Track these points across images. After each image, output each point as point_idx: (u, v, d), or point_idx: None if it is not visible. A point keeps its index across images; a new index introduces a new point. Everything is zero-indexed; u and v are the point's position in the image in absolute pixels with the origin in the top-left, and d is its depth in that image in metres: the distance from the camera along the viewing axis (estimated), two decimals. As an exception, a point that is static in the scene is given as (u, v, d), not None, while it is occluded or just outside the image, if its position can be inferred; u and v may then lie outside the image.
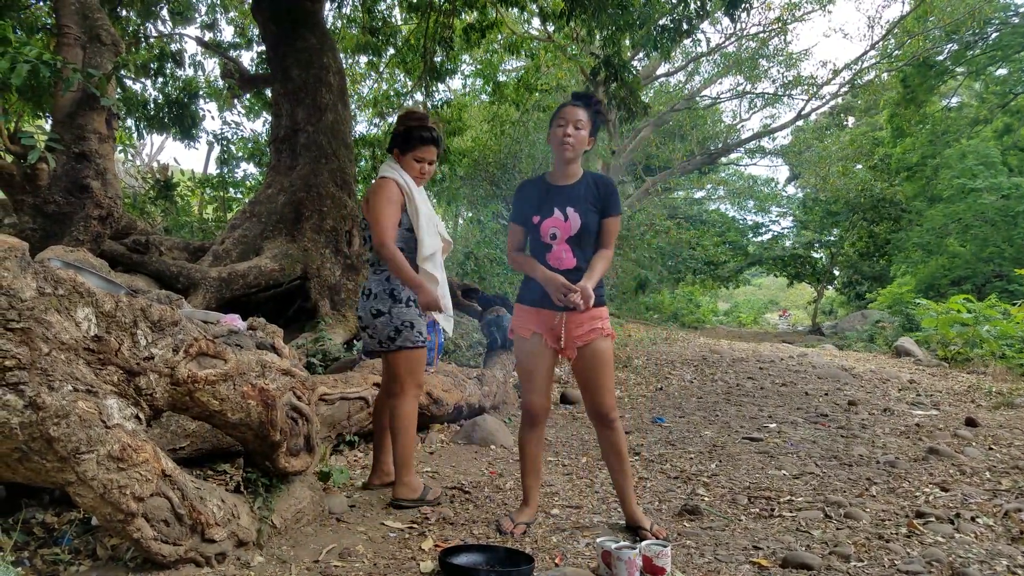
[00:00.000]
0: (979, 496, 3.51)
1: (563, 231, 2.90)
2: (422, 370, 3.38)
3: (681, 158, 22.49)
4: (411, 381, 3.32)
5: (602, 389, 2.96)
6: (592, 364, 2.93)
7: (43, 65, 4.45)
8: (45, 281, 1.89)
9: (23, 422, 1.79)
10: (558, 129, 2.93)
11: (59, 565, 2.22)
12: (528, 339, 2.99)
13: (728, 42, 20.28)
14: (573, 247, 2.92)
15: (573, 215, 2.89)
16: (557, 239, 2.91)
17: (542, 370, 3.00)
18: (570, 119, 2.91)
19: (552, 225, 2.91)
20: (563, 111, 2.95)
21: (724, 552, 2.74)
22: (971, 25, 17.35)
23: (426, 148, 3.34)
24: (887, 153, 22.04)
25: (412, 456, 3.30)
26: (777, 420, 5.60)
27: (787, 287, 33.43)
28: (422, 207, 3.30)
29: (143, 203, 10.94)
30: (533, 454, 3.09)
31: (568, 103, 2.99)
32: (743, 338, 16.18)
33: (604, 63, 8.04)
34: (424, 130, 3.35)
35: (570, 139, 2.90)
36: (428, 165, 3.39)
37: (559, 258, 2.92)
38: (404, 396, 3.30)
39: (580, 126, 2.91)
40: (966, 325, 10.57)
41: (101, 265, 4.28)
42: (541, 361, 2.99)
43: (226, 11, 11.73)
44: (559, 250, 2.92)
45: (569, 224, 2.90)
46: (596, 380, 2.95)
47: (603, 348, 2.93)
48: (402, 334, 3.28)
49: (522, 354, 3.04)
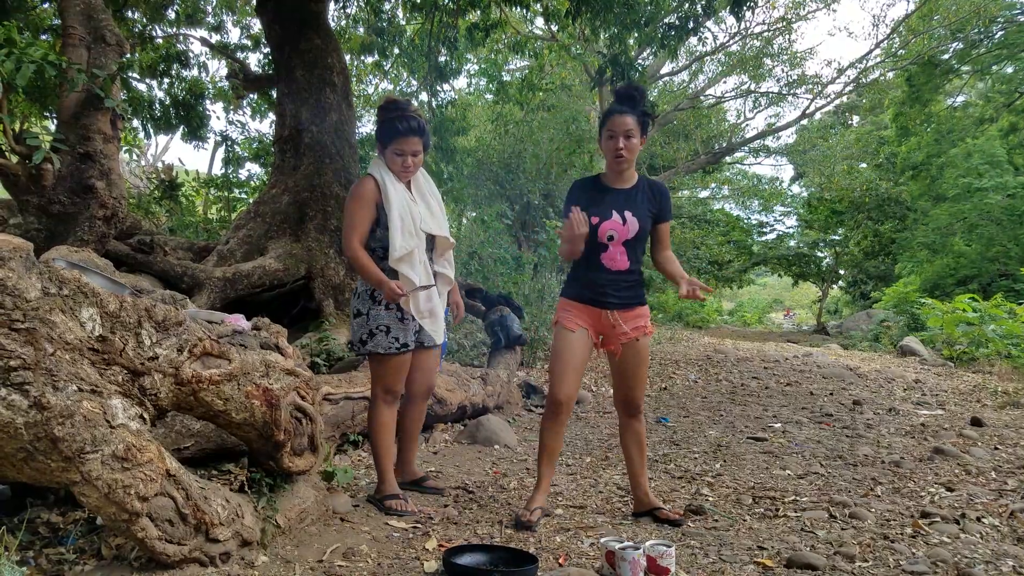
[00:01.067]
0: (985, 496, 3.50)
1: (620, 234, 3.00)
2: (394, 378, 3.21)
3: (685, 157, 22.45)
4: (379, 387, 3.22)
5: (640, 383, 3.17)
6: (636, 360, 3.12)
7: (48, 66, 4.46)
8: (50, 281, 1.90)
9: (28, 422, 1.79)
10: (610, 142, 2.99)
11: (64, 564, 2.22)
12: (574, 332, 3.07)
13: (732, 41, 20.24)
14: (628, 249, 3.02)
15: (631, 219, 3.00)
16: (614, 240, 3.01)
17: (576, 362, 3.09)
18: (619, 131, 2.96)
19: (610, 227, 3.00)
20: (612, 122, 2.99)
21: (728, 552, 2.73)
22: (976, 23, 17.28)
23: (404, 139, 3.08)
24: (892, 152, 21.98)
25: (386, 465, 3.23)
26: (782, 420, 5.60)
27: (792, 287, 33.33)
28: (395, 205, 3.07)
29: (148, 203, 10.96)
30: (552, 447, 3.20)
31: (615, 111, 3.00)
32: (748, 338, 16.16)
33: (611, 62, 8.03)
34: (401, 120, 3.09)
35: (623, 152, 2.97)
36: (411, 158, 3.12)
37: (613, 259, 3.02)
38: (374, 402, 3.25)
39: (631, 135, 2.97)
40: (972, 324, 10.54)
41: (106, 265, 4.29)
42: (580, 355, 3.09)
43: (232, 12, 11.75)
44: (614, 251, 3.02)
45: (627, 228, 3.00)
46: (636, 375, 3.15)
47: (645, 345, 3.14)
48: (375, 338, 3.14)
49: (563, 346, 3.09)
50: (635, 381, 3.15)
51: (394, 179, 3.16)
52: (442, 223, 3.31)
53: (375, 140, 3.26)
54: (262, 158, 13.10)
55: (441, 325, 3.33)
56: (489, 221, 10.54)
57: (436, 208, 3.32)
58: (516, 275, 9.37)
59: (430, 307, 3.23)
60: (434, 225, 3.26)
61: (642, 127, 3.00)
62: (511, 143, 14.44)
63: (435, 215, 3.29)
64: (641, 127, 2.99)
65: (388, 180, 3.14)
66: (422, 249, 3.18)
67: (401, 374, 3.24)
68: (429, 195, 3.32)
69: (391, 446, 3.29)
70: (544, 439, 3.18)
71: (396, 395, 3.26)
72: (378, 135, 3.20)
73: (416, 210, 3.18)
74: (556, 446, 3.21)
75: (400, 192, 3.15)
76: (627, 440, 3.24)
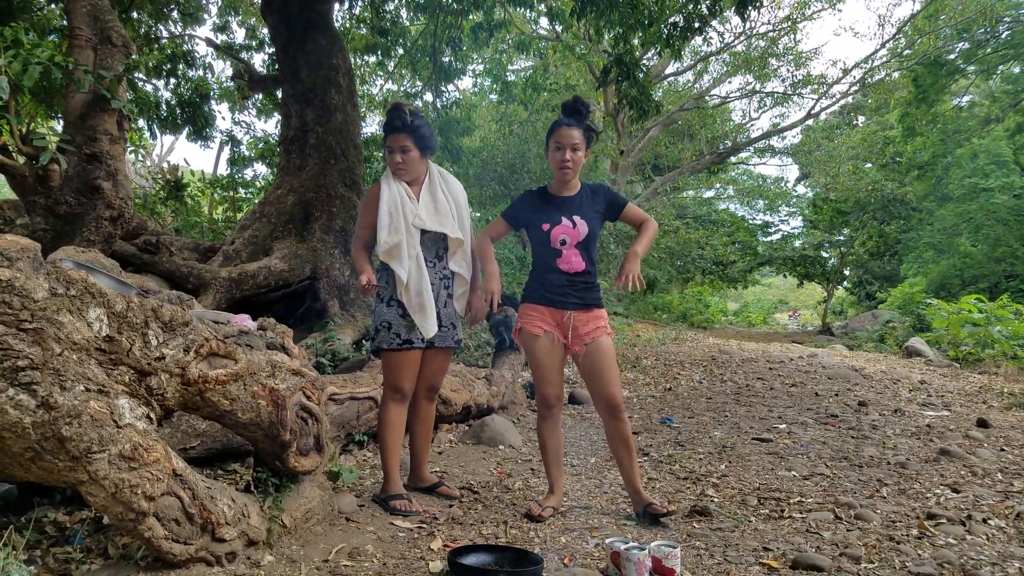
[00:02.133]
0: (991, 498, 3.49)
1: (572, 237, 3.18)
2: (398, 375, 3.24)
3: (690, 157, 22.42)
4: (385, 384, 3.30)
5: (608, 378, 3.18)
6: (598, 356, 3.17)
7: (55, 67, 4.48)
8: (57, 282, 1.91)
9: (35, 422, 1.80)
10: (557, 153, 3.19)
11: (71, 564, 2.23)
12: (540, 336, 3.22)
13: (737, 41, 20.20)
14: (581, 251, 3.20)
15: (581, 223, 3.19)
16: (567, 244, 3.18)
17: (554, 363, 3.24)
18: (566, 143, 3.16)
19: (562, 232, 3.18)
20: (558, 134, 3.18)
21: (734, 553, 2.73)
22: (982, 23, 17.22)
23: (391, 137, 3.24)
24: (898, 152, 21.92)
25: (391, 463, 3.25)
26: (787, 421, 5.59)
27: (797, 287, 33.29)
28: (384, 201, 3.21)
29: (154, 204, 10.99)
30: (553, 446, 3.31)
31: (562, 123, 3.19)
32: (752, 338, 16.13)
33: (615, 62, 8.02)
34: (391, 118, 3.24)
35: (568, 163, 3.18)
36: (400, 154, 3.23)
37: (568, 261, 3.19)
38: (382, 400, 3.32)
39: (577, 147, 3.17)
40: (977, 325, 10.51)
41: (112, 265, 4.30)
42: (552, 355, 3.23)
43: (236, 13, 11.78)
44: (569, 254, 3.19)
45: (578, 230, 3.18)
46: (603, 372, 3.17)
47: (607, 342, 3.20)
48: (380, 334, 3.26)
49: (534, 350, 3.26)
50: (606, 379, 3.17)
51: (393, 180, 3.28)
52: (447, 221, 3.32)
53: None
54: (267, 158, 13.13)
55: (431, 322, 3.24)
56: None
57: (445, 206, 3.33)
58: (520, 275, 9.37)
59: (419, 301, 3.22)
60: (432, 222, 3.28)
61: (587, 140, 3.21)
62: (515, 143, 14.45)
63: (441, 212, 3.31)
64: (586, 140, 3.20)
65: (387, 181, 3.28)
66: (413, 244, 3.22)
67: (405, 371, 3.25)
68: (442, 193, 3.36)
69: (397, 445, 3.30)
70: (543, 440, 3.32)
71: (403, 393, 3.28)
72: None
73: (409, 207, 3.24)
74: (556, 445, 3.32)
75: (395, 190, 3.25)
76: (612, 442, 3.26)
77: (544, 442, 3.30)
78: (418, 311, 3.22)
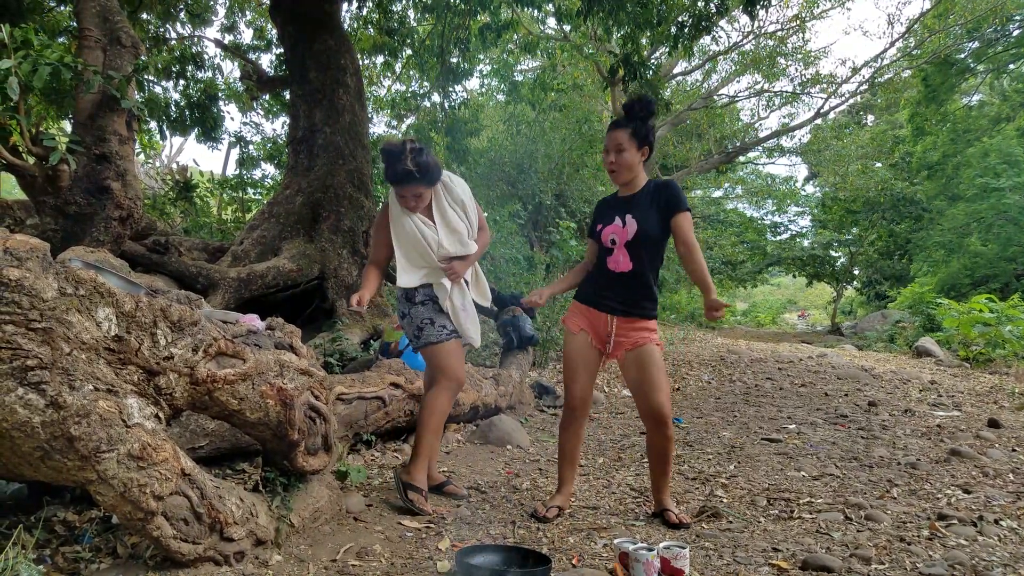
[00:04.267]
0: (1002, 498, 3.47)
1: (620, 237, 3.11)
2: (455, 363, 3.33)
3: (698, 157, 22.35)
4: (442, 374, 3.33)
5: (655, 387, 3.07)
6: (642, 364, 3.09)
7: (64, 68, 4.51)
8: (66, 281, 1.91)
9: (45, 421, 1.81)
10: (604, 157, 3.20)
11: (80, 563, 2.24)
12: (576, 335, 3.21)
13: (746, 40, 20.12)
14: (630, 251, 3.10)
15: (631, 221, 3.10)
16: (616, 244, 3.12)
17: (585, 364, 3.20)
18: (610, 146, 3.13)
19: (611, 231, 3.14)
20: (606, 138, 3.19)
21: (743, 554, 2.72)
22: (993, 22, 17.11)
23: (402, 187, 3.22)
24: (907, 151, 21.81)
25: (428, 450, 3.27)
26: (796, 421, 5.56)
27: (806, 287, 33.14)
28: (404, 237, 3.29)
29: (163, 204, 11.04)
30: (570, 449, 3.29)
31: (610, 127, 3.19)
32: (761, 338, 16.08)
33: (623, 61, 8.01)
34: (393, 168, 3.18)
35: (613, 166, 3.12)
36: (412, 199, 3.25)
37: (616, 261, 3.13)
38: (436, 387, 3.34)
39: (621, 149, 3.10)
40: (988, 325, 10.44)
41: (121, 265, 4.33)
42: (585, 356, 3.20)
43: (243, 13, 11.82)
44: (617, 254, 3.13)
45: (626, 230, 3.10)
46: (647, 380, 3.08)
47: (653, 351, 3.11)
48: (424, 331, 3.33)
49: (569, 348, 3.25)
50: (649, 387, 3.06)
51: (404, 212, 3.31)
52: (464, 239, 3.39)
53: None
54: (276, 159, 13.17)
55: (477, 331, 3.48)
56: (501, 221, 10.54)
57: (457, 222, 3.37)
58: (528, 275, 9.36)
59: (466, 315, 3.42)
60: (454, 246, 3.35)
61: (637, 140, 3.09)
62: (523, 143, 14.43)
63: (457, 231, 3.36)
64: (636, 140, 3.08)
65: (398, 209, 3.31)
66: (435, 269, 3.34)
67: (458, 359, 3.36)
68: (450, 208, 3.36)
69: (439, 435, 3.42)
70: (560, 441, 3.31)
71: (460, 382, 3.36)
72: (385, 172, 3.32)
73: (431, 237, 3.29)
74: (573, 448, 3.28)
75: (409, 224, 3.28)
76: (651, 452, 3.21)
77: (562, 445, 3.29)
78: (467, 323, 3.40)
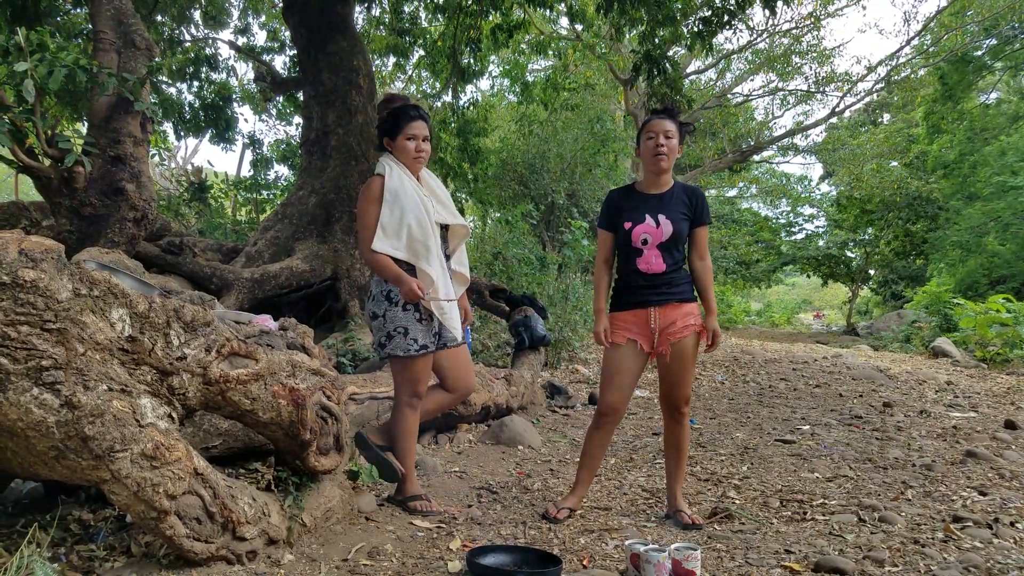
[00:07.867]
0: (1019, 500, 3.43)
1: (654, 237, 3.05)
2: (417, 380, 3.12)
3: (712, 156, 22.25)
4: (402, 391, 3.14)
5: (682, 381, 3.12)
6: (680, 359, 3.08)
7: (79, 70, 4.55)
8: (81, 282, 1.93)
9: (59, 421, 1.82)
10: (649, 141, 3.09)
11: (94, 561, 2.26)
12: (623, 345, 3.12)
13: (760, 39, 20.02)
14: (663, 252, 3.06)
15: (665, 222, 3.05)
16: (648, 244, 3.06)
17: (629, 374, 3.13)
18: (659, 130, 3.06)
19: (644, 231, 3.05)
20: (651, 124, 3.11)
21: (755, 556, 2.70)
22: (1011, 19, 16.93)
23: (416, 123, 3.12)
24: (923, 150, 21.60)
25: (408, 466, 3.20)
26: (810, 422, 5.53)
27: (821, 287, 32.91)
28: (403, 197, 3.05)
29: (177, 205, 11.13)
30: (594, 452, 3.25)
31: (654, 116, 3.13)
32: (776, 339, 15.99)
33: (645, 58, 7.97)
34: (410, 108, 3.17)
35: (663, 149, 3.03)
36: (423, 142, 3.14)
37: (648, 262, 3.07)
38: (396, 408, 3.19)
39: (670, 135, 3.06)
40: (1005, 325, 10.34)
41: (136, 266, 4.36)
42: (626, 366, 3.12)
43: (257, 15, 11.89)
44: (649, 255, 3.06)
45: (661, 230, 3.04)
46: (681, 374, 3.11)
47: (692, 344, 3.09)
48: (393, 340, 3.07)
49: (608, 358, 3.16)
50: (677, 378, 3.11)
51: (398, 170, 3.13)
52: (452, 211, 3.28)
53: (380, 136, 3.23)
54: (290, 160, 13.24)
55: (458, 322, 3.22)
56: (514, 221, 10.54)
57: (443, 196, 3.28)
58: (540, 275, 9.35)
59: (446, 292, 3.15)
60: (448, 215, 3.24)
61: (680, 135, 3.10)
62: (535, 143, 14.41)
63: (445, 204, 3.26)
64: (680, 135, 3.10)
65: (393, 174, 3.10)
66: (436, 241, 3.12)
67: (424, 377, 3.16)
68: (435, 186, 3.29)
69: (414, 448, 3.28)
70: (585, 445, 3.27)
71: (421, 398, 3.19)
72: (387, 128, 3.17)
73: (428, 201, 3.15)
74: (596, 454, 3.25)
75: (408, 184, 3.10)
76: (665, 442, 3.26)
77: (587, 447, 3.24)
78: (447, 312, 3.13)
